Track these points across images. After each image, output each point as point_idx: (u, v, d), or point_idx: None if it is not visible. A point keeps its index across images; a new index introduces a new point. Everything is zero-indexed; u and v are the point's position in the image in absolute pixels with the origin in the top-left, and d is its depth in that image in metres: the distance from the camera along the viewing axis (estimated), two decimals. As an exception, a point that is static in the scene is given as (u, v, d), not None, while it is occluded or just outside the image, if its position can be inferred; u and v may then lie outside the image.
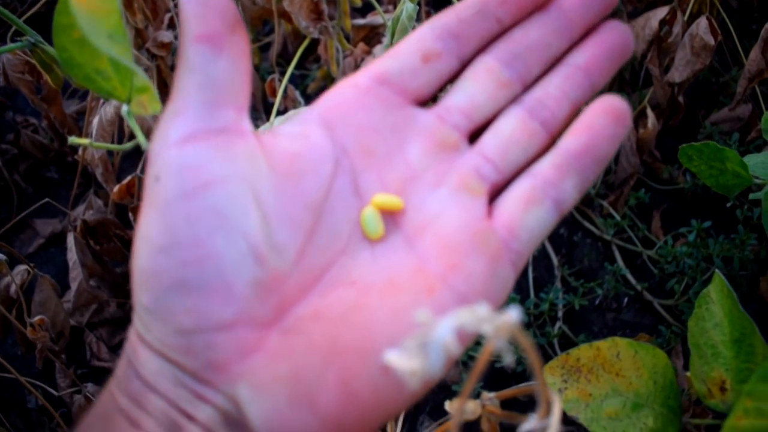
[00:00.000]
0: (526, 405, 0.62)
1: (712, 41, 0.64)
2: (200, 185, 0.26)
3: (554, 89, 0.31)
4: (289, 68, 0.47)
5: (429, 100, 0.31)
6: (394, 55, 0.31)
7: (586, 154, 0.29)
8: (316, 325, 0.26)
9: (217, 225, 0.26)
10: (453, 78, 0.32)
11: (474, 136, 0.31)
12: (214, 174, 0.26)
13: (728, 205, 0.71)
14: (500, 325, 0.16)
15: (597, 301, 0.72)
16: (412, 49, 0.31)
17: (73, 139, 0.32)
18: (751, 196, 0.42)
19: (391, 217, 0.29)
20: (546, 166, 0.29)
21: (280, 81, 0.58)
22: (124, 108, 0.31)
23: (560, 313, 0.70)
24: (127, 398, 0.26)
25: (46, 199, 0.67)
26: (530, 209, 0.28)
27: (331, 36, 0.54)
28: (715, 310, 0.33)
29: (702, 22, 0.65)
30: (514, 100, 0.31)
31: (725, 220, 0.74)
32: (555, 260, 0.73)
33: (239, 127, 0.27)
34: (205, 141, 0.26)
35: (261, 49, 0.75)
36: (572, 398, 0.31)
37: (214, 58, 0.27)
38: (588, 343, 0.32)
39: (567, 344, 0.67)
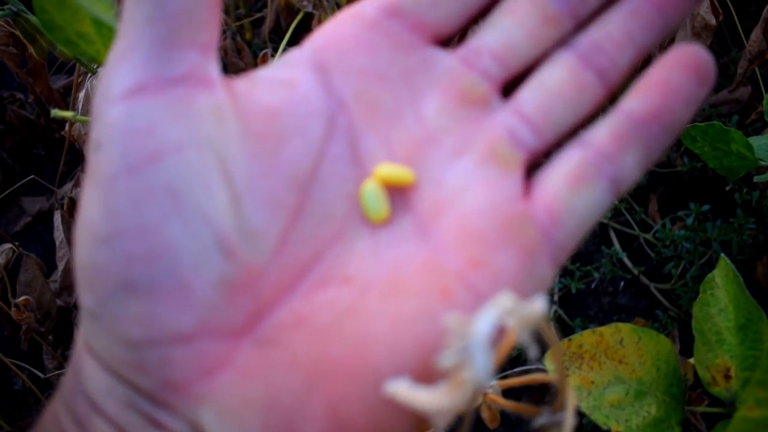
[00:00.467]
0: (522, 391, 0.62)
1: (713, 21, 0.63)
2: (150, 156, 0.20)
3: (616, 29, 0.24)
4: (282, 44, 0.46)
5: (452, 38, 0.25)
6: None
7: (656, 121, 0.23)
8: (299, 334, 0.21)
9: (172, 209, 0.20)
10: (485, 11, 0.25)
11: (509, 87, 0.25)
12: (168, 140, 0.20)
13: (727, 188, 0.70)
14: (527, 316, 0.15)
15: (593, 285, 0.71)
16: None
17: (56, 112, 0.30)
18: (756, 178, 0.41)
19: (399, 194, 0.23)
20: (603, 133, 0.23)
21: (273, 57, 0.57)
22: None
23: (556, 297, 0.69)
24: (71, 421, 0.22)
25: (32, 176, 0.66)
26: (580, 189, 0.23)
27: (325, 10, 0.52)
28: (720, 295, 0.32)
29: (703, 3, 0.64)
30: (562, 41, 0.25)
31: (723, 204, 0.73)
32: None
33: (203, 75, 0.21)
34: (157, 95, 0.21)
35: (253, 25, 0.73)
36: (574, 386, 0.30)
37: None
38: (590, 329, 0.31)
39: (563, 328, 0.67)
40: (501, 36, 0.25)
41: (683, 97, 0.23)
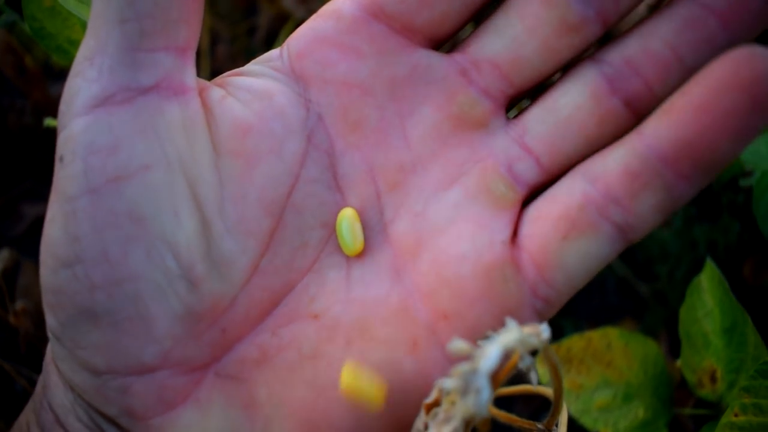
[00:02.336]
0: (515, 401, 0.63)
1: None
2: (113, 177, 0.18)
3: (659, 44, 0.19)
4: (274, 47, 0.46)
5: (448, 40, 0.21)
6: None
7: (688, 158, 0.17)
8: (261, 373, 0.20)
9: (135, 235, 0.19)
10: (489, 4, 0.21)
11: (515, 103, 0.21)
12: (133, 159, 0.19)
13: (714, 189, 0.71)
14: (533, 343, 0.15)
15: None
16: None
17: (49, 122, 0.31)
18: (741, 182, 0.42)
19: (380, 222, 0.21)
20: (614, 167, 0.19)
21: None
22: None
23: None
24: (38, 429, 0.21)
25: (29, 181, 0.66)
26: (575, 238, 0.19)
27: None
28: (706, 299, 0.33)
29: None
30: (587, 54, 0.20)
31: (710, 205, 0.74)
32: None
33: (177, 82, 0.19)
34: (124, 106, 0.19)
35: (248, 32, 0.74)
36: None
37: None
38: (579, 334, 0.32)
39: (553, 328, 0.68)
40: (508, 45, 0.20)
41: (730, 127, 0.17)
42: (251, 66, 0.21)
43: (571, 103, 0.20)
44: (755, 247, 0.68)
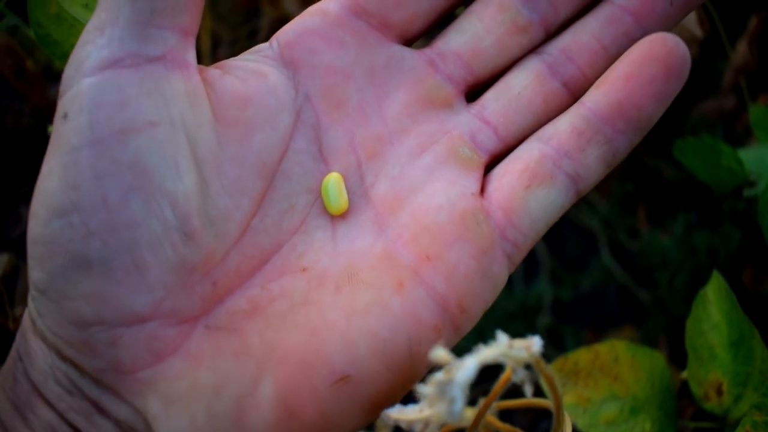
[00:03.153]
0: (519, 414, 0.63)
1: (700, 33, 0.64)
2: (119, 130, 0.19)
3: (588, 37, 0.24)
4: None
5: (419, 37, 0.25)
6: None
7: (620, 116, 0.22)
8: (252, 322, 0.21)
9: (135, 185, 0.19)
10: (452, 8, 0.25)
11: (474, 92, 0.25)
12: (139, 116, 0.20)
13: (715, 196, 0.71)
14: (522, 356, 0.16)
15: (583, 292, 0.72)
16: None
17: (51, 128, 0.31)
18: (746, 192, 0.42)
19: (361, 187, 0.23)
20: (563, 128, 0.23)
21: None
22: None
23: (547, 304, 0.70)
24: (11, 408, 0.21)
25: (28, 185, 0.66)
26: (536, 186, 0.22)
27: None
28: (712, 311, 0.33)
29: (690, 15, 0.65)
30: (532, 49, 0.24)
31: (711, 211, 0.74)
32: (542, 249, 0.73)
33: (181, 58, 0.21)
34: (132, 70, 0.20)
35: (249, 35, 0.73)
36: (570, 403, 0.31)
37: None
38: (586, 347, 0.31)
39: (554, 336, 0.68)
40: (468, 41, 0.24)
41: (651, 91, 0.22)
42: (243, 55, 0.24)
43: (520, 84, 0.24)
44: (755, 254, 0.69)
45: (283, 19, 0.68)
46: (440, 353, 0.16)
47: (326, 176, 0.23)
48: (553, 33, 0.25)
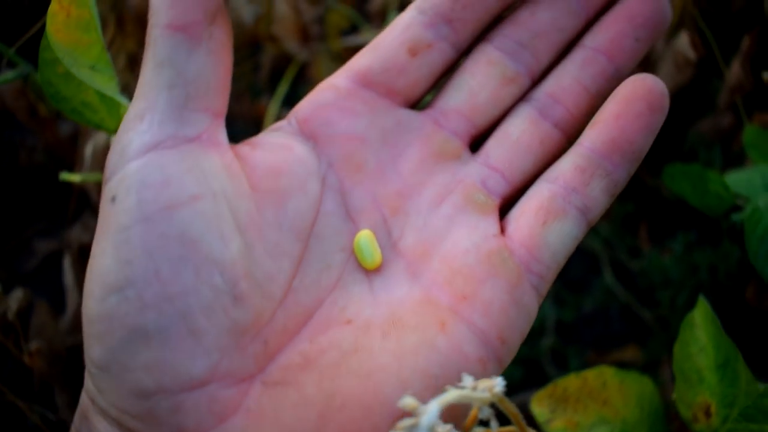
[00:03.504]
0: None
1: (693, 56, 0.65)
2: (165, 206, 0.21)
3: (569, 80, 0.26)
4: (278, 89, 0.48)
5: (421, 100, 0.27)
6: (377, 48, 0.26)
7: (616, 151, 0.24)
8: (307, 374, 0.22)
9: (185, 255, 0.20)
10: (449, 69, 0.27)
11: (478, 140, 0.27)
12: (183, 192, 0.21)
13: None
14: (486, 397, 0.17)
15: (586, 313, 0.73)
16: (398, 41, 0.26)
17: (64, 176, 0.32)
18: (734, 217, 0.43)
19: (389, 241, 0.25)
20: (567, 167, 0.25)
21: (270, 102, 0.59)
22: (114, 139, 0.30)
23: (551, 325, 0.71)
24: None
25: (43, 221, 0.68)
26: (551, 222, 0.24)
27: (320, 58, 0.55)
28: (699, 335, 0.34)
29: (683, 37, 0.66)
30: (522, 96, 0.27)
31: (711, 229, 0.75)
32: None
33: (214, 137, 0.22)
34: (172, 151, 0.21)
35: (252, 71, 0.75)
36: (560, 428, 0.32)
37: (189, 52, 0.21)
38: (575, 373, 0.33)
39: (558, 357, 0.68)
40: (465, 97, 0.26)
41: (639, 126, 0.24)
42: (266, 133, 0.25)
43: (517, 131, 0.26)
44: (756, 270, 0.69)
45: (284, 56, 0.70)
46: (407, 400, 0.17)
47: (357, 234, 0.24)
48: (538, 79, 0.27)
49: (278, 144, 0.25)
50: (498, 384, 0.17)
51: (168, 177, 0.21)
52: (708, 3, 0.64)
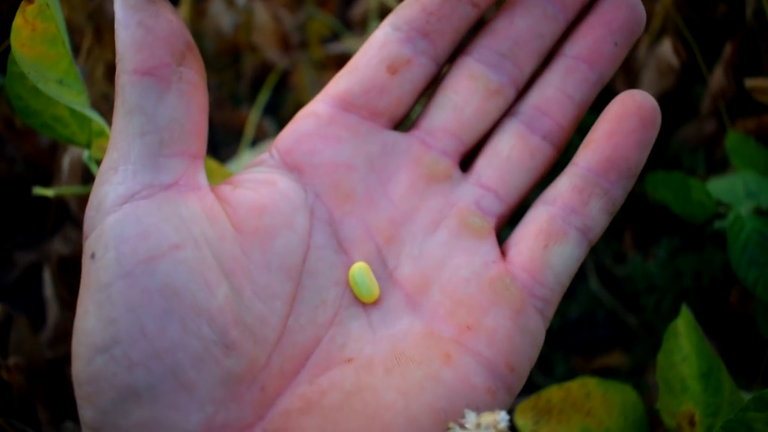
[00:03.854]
0: None
1: (676, 63, 0.65)
2: (145, 259, 0.20)
3: (554, 91, 0.26)
4: (259, 98, 0.47)
5: (405, 118, 0.26)
6: (355, 70, 0.25)
7: (612, 169, 0.24)
8: (309, 418, 0.21)
9: (169, 308, 0.20)
10: (432, 84, 0.26)
11: (467, 157, 0.26)
12: (162, 242, 0.20)
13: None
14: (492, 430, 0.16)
15: (571, 319, 0.73)
16: (375, 60, 0.25)
17: (37, 190, 0.31)
18: (716, 224, 0.43)
19: (385, 272, 0.24)
20: (564, 189, 0.25)
21: (250, 110, 0.58)
22: (85, 153, 0.29)
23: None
24: None
25: (24, 232, 0.67)
26: (552, 245, 0.24)
27: (301, 66, 0.54)
28: (683, 343, 0.34)
29: (665, 44, 0.67)
30: (508, 109, 0.26)
31: (695, 234, 0.75)
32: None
33: (192, 181, 0.22)
34: (149, 200, 0.21)
35: (234, 80, 0.75)
36: (544, 440, 0.31)
37: (158, 96, 0.21)
38: (558, 384, 0.32)
39: (544, 364, 0.68)
40: (451, 114, 0.26)
41: (633, 142, 0.24)
42: (248, 169, 0.24)
43: (507, 147, 0.25)
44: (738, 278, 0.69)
45: (265, 64, 0.70)
46: None
47: (352, 266, 0.24)
48: (523, 88, 0.26)
49: (260, 180, 0.24)
50: (502, 419, 0.16)
51: (146, 228, 0.20)
52: (691, 10, 0.64)
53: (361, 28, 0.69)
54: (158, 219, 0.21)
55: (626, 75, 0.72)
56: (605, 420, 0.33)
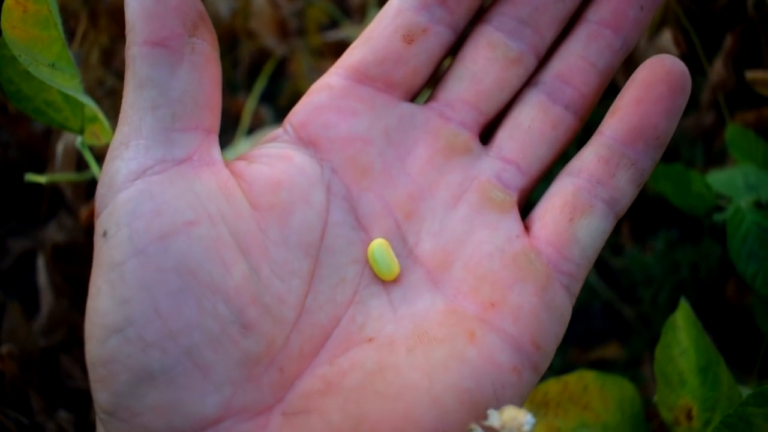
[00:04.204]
0: None
1: (675, 54, 0.65)
2: (159, 236, 0.19)
3: (576, 58, 0.25)
4: (256, 85, 0.47)
5: (421, 90, 0.25)
6: (369, 39, 0.24)
7: (639, 138, 0.23)
8: (330, 399, 0.20)
9: (184, 287, 0.19)
10: (449, 53, 0.25)
11: (488, 129, 0.26)
12: (176, 219, 0.20)
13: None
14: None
15: (568, 310, 0.73)
16: (390, 29, 0.24)
17: (30, 177, 0.31)
18: (715, 217, 0.43)
19: (405, 249, 0.23)
20: (590, 159, 0.24)
21: (248, 97, 0.58)
22: (78, 139, 0.29)
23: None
24: None
25: (17, 219, 0.67)
26: (578, 218, 0.23)
27: (299, 54, 0.54)
28: (681, 337, 0.34)
29: (665, 35, 0.66)
30: (529, 79, 0.25)
31: (692, 227, 0.75)
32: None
33: (207, 156, 0.21)
34: (162, 176, 0.20)
35: (231, 66, 0.74)
36: (541, 434, 0.31)
37: (171, 69, 0.20)
38: (555, 377, 0.32)
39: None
40: (469, 85, 0.25)
41: (662, 109, 0.23)
42: (262, 144, 0.24)
43: (528, 118, 0.24)
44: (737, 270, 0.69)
45: (262, 51, 0.69)
46: None
47: (371, 243, 0.23)
48: (543, 57, 0.25)
49: (276, 155, 0.23)
50: (527, 422, 0.16)
51: (159, 204, 0.20)
52: (691, 1, 0.64)
53: (360, 15, 0.69)
54: (172, 195, 0.20)
55: (626, 66, 0.72)
56: (602, 414, 0.32)
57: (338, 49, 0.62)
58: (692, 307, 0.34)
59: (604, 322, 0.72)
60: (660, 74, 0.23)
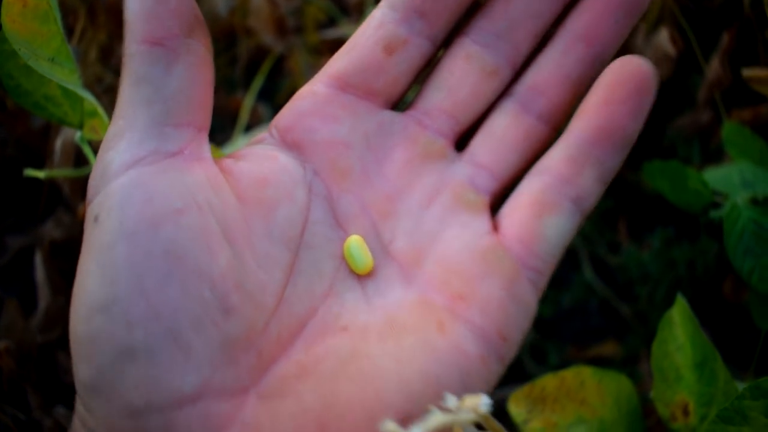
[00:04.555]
0: None
1: (672, 52, 0.65)
2: (149, 223, 0.20)
3: (550, 70, 0.25)
4: (254, 83, 0.47)
5: (402, 98, 0.27)
6: (352, 50, 0.25)
7: (606, 138, 0.24)
8: (304, 383, 0.21)
9: (171, 271, 0.20)
10: (428, 64, 0.26)
11: (464, 137, 0.27)
12: (166, 207, 0.21)
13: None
14: (471, 417, 0.16)
15: (565, 308, 0.73)
16: (372, 40, 0.25)
17: (29, 171, 0.31)
18: (712, 214, 0.43)
19: (380, 246, 0.25)
20: (557, 158, 0.24)
21: (245, 95, 0.58)
22: (77, 134, 0.29)
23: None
24: None
25: (15, 215, 0.67)
26: (545, 215, 0.24)
27: (296, 51, 0.54)
28: (677, 333, 0.34)
29: (662, 33, 0.66)
30: (505, 90, 0.26)
31: (689, 224, 0.75)
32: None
33: (197, 152, 0.22)
34: (154, 166, 0.21)
35: (229, 64, 0.74)
36: (537, 429, 0.31)
37: (167, 67, 0.21)
38: (552, 373, 0.32)
39: (537, 353, 0.68)
40: (447, 95, 0.26)
41: (628, 110, 0.24)
42: (248, 146, 0.25)
43: (501, 126, 0.25)
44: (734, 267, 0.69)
45: (260, 49, 0.69)
46: (389, 426, 0.17)
47: (347, 239, 0.24)
48: (519, 69, 0.26)
49: (262, 154, 0.24)
50: (483, 403, 0.16)
51: (150, 193, 0.21)
52: (687, -2, 0.64)
53: (358, 13, 0.69)
54: (163, 185, 0.21)
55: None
56: (599, 409, 0.33)
57: (336, 46, 0.62)
58: (689, 304, 0.34)
59: (601, 319, 0.72)
60: (626, 76, 0.24)
